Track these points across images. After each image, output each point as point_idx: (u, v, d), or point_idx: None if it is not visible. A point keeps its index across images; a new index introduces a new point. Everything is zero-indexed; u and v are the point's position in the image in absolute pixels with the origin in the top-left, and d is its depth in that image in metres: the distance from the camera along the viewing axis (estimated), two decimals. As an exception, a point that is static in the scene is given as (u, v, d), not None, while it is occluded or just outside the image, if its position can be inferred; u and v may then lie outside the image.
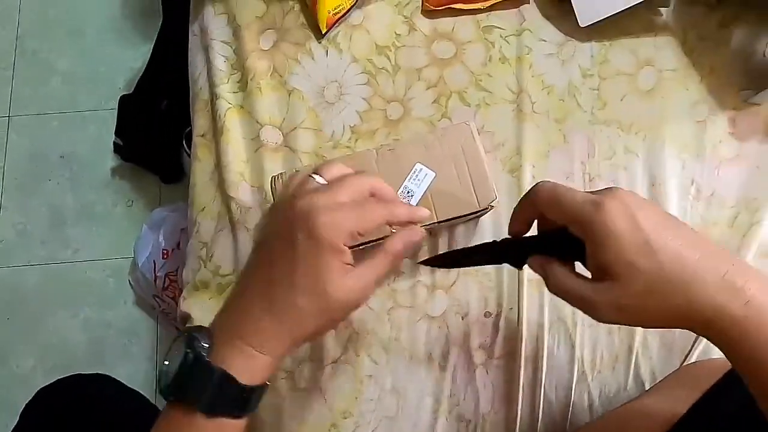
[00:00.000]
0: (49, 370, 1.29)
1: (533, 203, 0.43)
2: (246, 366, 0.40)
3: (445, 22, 0.70)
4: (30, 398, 0.71)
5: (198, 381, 0.40)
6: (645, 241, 0.38)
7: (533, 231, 0.47)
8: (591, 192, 0.41)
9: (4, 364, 1.29)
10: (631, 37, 0.69)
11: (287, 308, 0.41)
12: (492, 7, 0.69)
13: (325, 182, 0.45)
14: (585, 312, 0.41)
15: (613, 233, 0.38)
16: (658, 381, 0.60)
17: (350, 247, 0.42)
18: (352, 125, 0.67)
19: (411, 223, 0.46)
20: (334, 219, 0.41)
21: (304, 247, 0.40)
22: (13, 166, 1.40)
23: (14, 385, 1.28)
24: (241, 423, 0.42)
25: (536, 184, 0.43)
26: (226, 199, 0.66)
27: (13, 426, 0.67)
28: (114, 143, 1.32)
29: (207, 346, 0.41)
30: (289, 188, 0.46)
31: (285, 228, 0.42)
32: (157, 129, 1.25)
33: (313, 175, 0.45)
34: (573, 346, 0.61)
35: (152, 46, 1.32)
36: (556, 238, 0.43)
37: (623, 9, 0.66)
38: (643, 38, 0.69)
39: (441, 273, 0.63)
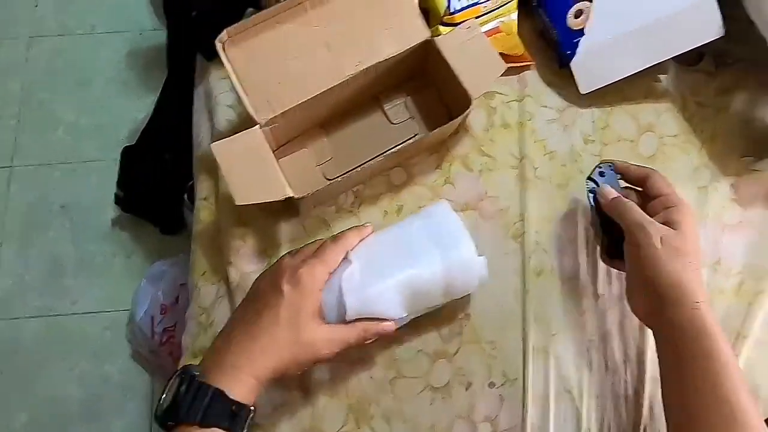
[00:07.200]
0: (44, 425, 1.26)
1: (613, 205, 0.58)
2: (235, 386, 0.48)
3: (447, 88, 0.70)
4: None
5: (194, 399, 0.46)
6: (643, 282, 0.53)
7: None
8: (659, 204, 0.56)
9: (-3, 419, 1.27)
10: (631, 103, 0.70)
11: (270, 339, 0.50)
12: (494, 74, 0.70)
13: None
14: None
15: (630, 260, 0.54)
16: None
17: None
18: (355, 190, 0.67)
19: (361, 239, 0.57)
20: (310, 268, 0.52)
21: (290, 294, 0.51)
22: (13, 217, 1.40)
23: (6, 441, 1.25)
24: None
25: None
26: (226, 264, 0.65)
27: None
28: (115, 195, 1.32)
29: (198, 374, 0.48)
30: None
31: (274, 280, 0.52)
32: (159, 181, 1.25)
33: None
34: (579, 419, 0.60)
35: (156, 98, 1.33)
36: None
37: (623, 77, 0.67)
38: (644, 104, 0.70)
39: (442, 342, 0.62)
